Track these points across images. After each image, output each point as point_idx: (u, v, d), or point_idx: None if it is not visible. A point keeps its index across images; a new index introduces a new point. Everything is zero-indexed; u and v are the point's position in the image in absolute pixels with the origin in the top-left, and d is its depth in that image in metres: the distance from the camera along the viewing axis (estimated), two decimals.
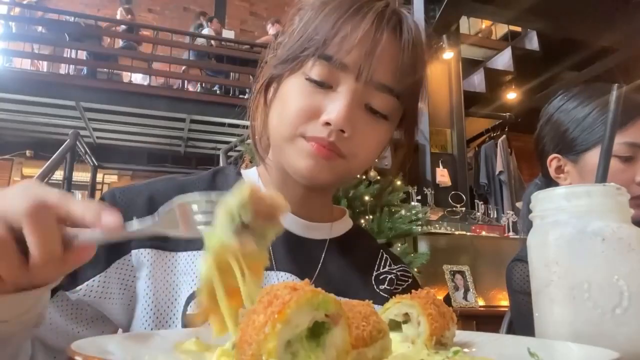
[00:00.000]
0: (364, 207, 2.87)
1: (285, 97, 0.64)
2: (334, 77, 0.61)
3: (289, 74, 0.64)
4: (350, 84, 0.61)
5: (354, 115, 0.61)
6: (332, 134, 0.60)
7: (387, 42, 0.61)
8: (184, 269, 0.63)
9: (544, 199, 0.52)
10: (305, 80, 0.62)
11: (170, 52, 7.54)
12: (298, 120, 0.62)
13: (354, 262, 0.74)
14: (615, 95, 0.57)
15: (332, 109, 0.60)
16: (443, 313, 0.44)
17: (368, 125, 0.63)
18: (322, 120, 0.60)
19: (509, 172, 5.96)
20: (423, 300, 0.44)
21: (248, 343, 0.27)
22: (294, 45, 0.64)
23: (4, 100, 6.21)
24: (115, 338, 0.41)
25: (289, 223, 0.71)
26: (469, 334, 0.49)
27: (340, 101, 0.60)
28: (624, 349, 0.43)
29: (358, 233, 0.81)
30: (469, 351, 0.44)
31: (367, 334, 0.35)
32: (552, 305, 0.48)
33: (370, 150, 0.66)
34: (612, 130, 0.56)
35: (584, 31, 5.22)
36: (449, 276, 3.61)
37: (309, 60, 0.62)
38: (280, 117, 0.65)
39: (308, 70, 0.62)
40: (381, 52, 0.61)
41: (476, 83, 6.23)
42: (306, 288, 0.29)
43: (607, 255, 0.46)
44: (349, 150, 0.62)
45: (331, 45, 0.60)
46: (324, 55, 0.61)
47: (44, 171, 3.50)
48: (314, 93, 0.62)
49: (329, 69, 0.61)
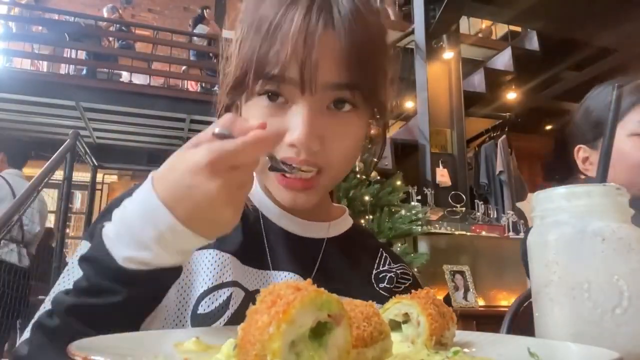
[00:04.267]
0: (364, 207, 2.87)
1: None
2: (285, 92, 0.59)
3: (245, 99, 0.63)
4: (304, 97, 0.58)
5: (318, 125, 0.58)
6: (301, 152, 0.58)
7: (327, 38, 0.57)
8: (195, 268, 0.63)
9: (544, 199, 0.52)
10: (263, 102, 0.60)
11: (170, 52, 7.54)
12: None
13: (353, 261, 0.74)
14: (615, 95, 0.57)
15: (293, 126, 0.58)
16: (443, 313, 0.44)
17: (337, 126, 0.61)
18: (287, 142, 0.58)
19: (509, 172, 5.96)
20: (423, 300, 0.44)
21: (251, 343, 0.27)
22: (237, 71, 0.62)
23: (4, 100, 6.21)
24: (115, 338, 0.41)
25: (287, 223, 0.71)
26: (469, 334, 0.49)
27: (298, 118, 0.58)
28: (624, 349, 0.43)
29: (357, 231, 0.81)
30: (469, 351, 0.44)
31: (367, 335, 0.35)
32: (552, 305, 0.48)
33: (348, 150, 0.63)
34: (612, 130, 0.56)
35: (584, 31, 5.22)
36: (449, 276, 3.61)
37: (255, 82, 0.59)
38: None
39: (260, 90, 0.59)
40: (325, 52, 0.56)
41: (476, 83, 6.22)
42: (309, 288, 0.29)
43: (607, 255, 0.46)
44: (325, 160, 0.60)
45: (268, 64, 0.57)
46: (266, 75, 0.58)
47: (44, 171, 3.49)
48: (272, 115, 0.59)
49: (277, 86, 0.59)
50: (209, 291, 0.61)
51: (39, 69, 7.36)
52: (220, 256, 0.63)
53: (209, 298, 0.60)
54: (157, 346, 0.38)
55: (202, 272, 0.63)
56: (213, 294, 0.61)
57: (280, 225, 0.71)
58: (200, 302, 0.60)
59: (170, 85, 7.46)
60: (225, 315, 0.60)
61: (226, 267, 0.63)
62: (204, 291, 0.61)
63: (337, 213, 0.79)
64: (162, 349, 0.38)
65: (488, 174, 6.07)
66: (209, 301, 0.60)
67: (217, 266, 0.63)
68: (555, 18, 5.12)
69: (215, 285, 0.61)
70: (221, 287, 0.61)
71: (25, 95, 6.09)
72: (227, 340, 0.34)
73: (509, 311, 1.18)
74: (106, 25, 7.48)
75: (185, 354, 0.36)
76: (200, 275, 0.62)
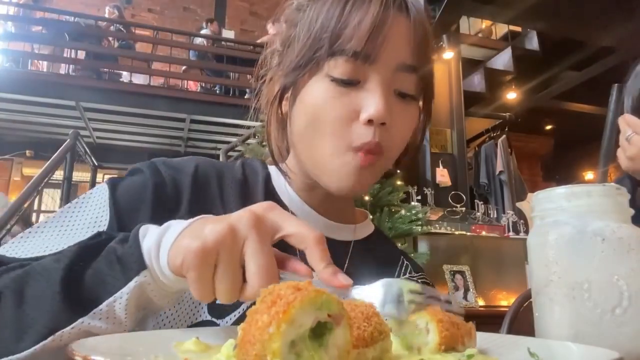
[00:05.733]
0: (364, 207, 2.87)
1: (313, 106, 0.60)
2: (358, 71, 0.59)
3: (307, 79, 0.61)
4: (378, 73, 0.59)
5: (390, 105, 0.59)
6: (377, 131, 0.58)
7: (397, 21, 0.60)
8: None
9: (544, 199, 0.52)
10: (329, 83, 0.59)
11: (170, 52, 7.54)
12: (339, 128, 0.59)
13: (375, 266, 0.73)
14: (615, 95, 0.57)
15: (369, 104, 0.58)
16: (457, 324, 0.41)
17: (402, 111, 0.62)
18: (363, 119, 0.58)
19: (509, 172, 5.96)
20: (433, 310, 0.41)
21: (251, 343, 0.27)
22: (304, 48, 0.61)
23: (4, 100, 6.21)
24: (115, 338, 0.41)
25: (314, 223, 0.70)
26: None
27: (374, 94, 0.58)
28: (624, 349, 0.43)
29: (380, 237, 0.80)
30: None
31: (367, 335, 0.34)
32: (552, 305, 0.48)
33: (405, 137, 0.65)
34: (612, 130, 0.56)
35: (584, 31, 5.22)
36: (449, 276, 3.61)
37: (324, 60, 0.59)
38: (316, 130, 0.61)
39: (330, 71, 0.59)
40: (396, 33, 0.59)
41: (476, 83, 6.23)
42: (309, 288, 0.29)
43: (607, 255, 0.46)
44: (388, 143, 0.61)
45: (345, 39, 0.58)
46: (340, 51, 0.58)
47: (44, 171, 3.50)
48: (344, 94, 0.59)
49: (350, 63, 0.58)
50: None
51: (39, 69, 7.35)
52: None
53: None
54: (157, 346, 0.38)
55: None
56: None
57: None
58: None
59: (170, 85, 7.46)
60: (240, 308, 0.59)
61: None
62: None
63: (360, 217, 0.79)
64: (162, 349, 0.38)
65: (488, 174, 6.07)
66: None
67: None
68: (555, 18, 5.12)
69: None
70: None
71: (25, 95, 6.09)
72: (227, 340, 0.34)
73: (509, 311, 1.18)
74: (106, 25, 7.47)
75: (185, 354, 0.36)
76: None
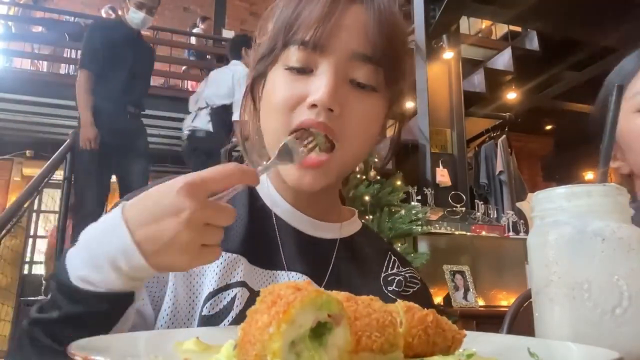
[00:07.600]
0: (364, 207, 2.87)
1: (270, 91, 0.64)
2: (310, 60, 0.61)
3: (270, 68, 0.65)
4: (328, 61, 0.60)
5: (340, 92, 0.60)
6: (321, 113, 0.59)
7: (352, 11, 0.61)
8: (203, 269, 0.63)
9: (544, 199, 0.52)
10: (284, 71, 0.62)
11: (170, 52, 7.53)
12: (285, 110, 0.61)
13: (363, 263, 0.74)
14: (615, 95, 0.57)
15: (315, 88, 0.59)
16: (434, 342, 0.37)
17: (357, 100, 0.62)
18: (308, 102, 0.59)
19: (509, 172, 5.96)
20: (415, 322, 0.37)
21: (251, 343, 0.27)
22: (267, 41, 0.65)
23: (4, 100, 6.20)
24: (114, 338, 0.41)
25: (299, 222, 0.71)
26: (469, 334, 0.49)
27: (322, 80, 0.59)
28: (624, 349, 0.43)
29: (367, 234, 0.81)
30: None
31: (377, 347, 0.33)
32: (552, 305, 0.48)
33: (364, 128, 0.64)
34: (612, 130, 0.56)
35: (584, 31, 5.22)
36: (449, 276, 3.60)
37: (282, 50, 0.62)
38: (268, 113, 0.65)
39: (285, 60, 0.62)
40: (350, 22, 0.60)
41: (476, 83, 6.22)
42: (309, 288, 0.29)
43: (607, 255, 0.46)
44: (341, 131, 0.61)
45: (296, 29, 0.60)
46: (293, 40, 0.61)
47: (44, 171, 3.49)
48: (296, 80, 0.62)
49: (302, 52, 0.61)
50: (215, 293, 0.61)
51: (39, 69, 7.35)
52: (227, 257, 0.63)
53: (214, 300, 0.60)
54: (157, 346, 0.38)
55: (209, 273, 0.62)
56: (218, 296, 0.61)
57: (292, 225, 0.71)
58: (205, 304, 0.60)
59: (170, 85, 7.45)
60: (229, 316, 0.60)
61: (234, 267, 0.63)
62: (209, 293, 0.61)
63: (347, 215, 0.79)
64: (162, 349, 0.38)
65: (488, 174, 6.06)
66: (214, 303, 0.60)
67: (224, 267, 0.63)
68: (555, 18, 5.12)
69: (221, 287, 0.61)
70: (227, 289, 0.61)
71: (25, 95, 6.08)
72: (227, 341, 0.34)
73: (509, 311, 1.18)
74: None
75: (185, 354, 0.36)
76: (207, 277, 0.62)
